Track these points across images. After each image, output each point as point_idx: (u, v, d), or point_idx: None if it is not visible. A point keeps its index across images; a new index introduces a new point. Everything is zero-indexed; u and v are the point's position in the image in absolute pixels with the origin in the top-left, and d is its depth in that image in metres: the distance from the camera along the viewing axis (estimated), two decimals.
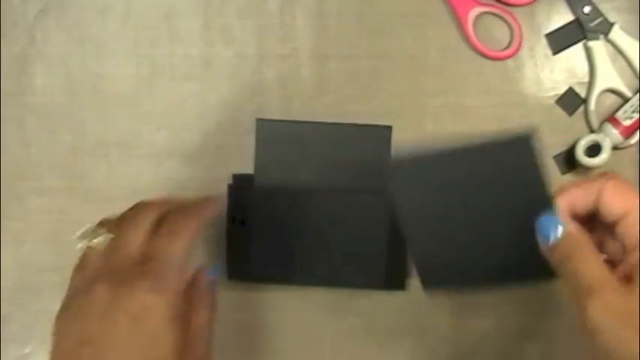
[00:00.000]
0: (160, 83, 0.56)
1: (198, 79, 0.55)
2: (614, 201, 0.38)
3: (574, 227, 0.39)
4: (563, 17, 0.54)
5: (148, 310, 0.39)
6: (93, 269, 0.42)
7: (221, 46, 0.55)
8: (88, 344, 0.39)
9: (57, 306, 0.57)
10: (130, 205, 0.56)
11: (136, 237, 0.42)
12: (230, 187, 0.54)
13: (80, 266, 0.43)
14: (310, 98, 0.55)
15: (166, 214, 0.44)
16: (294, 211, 0.53)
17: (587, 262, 0.37)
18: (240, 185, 0.54)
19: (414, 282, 0.56)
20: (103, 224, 0.44)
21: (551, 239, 0.39)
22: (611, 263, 0.38)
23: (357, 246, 0.53)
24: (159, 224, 0.43)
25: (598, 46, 0.54)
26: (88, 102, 0.56)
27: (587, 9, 0.54)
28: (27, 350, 0.57)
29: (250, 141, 0.55)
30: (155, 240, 0.42)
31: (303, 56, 0.55)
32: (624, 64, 0.54)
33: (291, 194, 0.53)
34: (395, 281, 0.54)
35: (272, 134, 0.54)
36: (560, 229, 0.39)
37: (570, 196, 0.40)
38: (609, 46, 0.54)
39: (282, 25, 0.55)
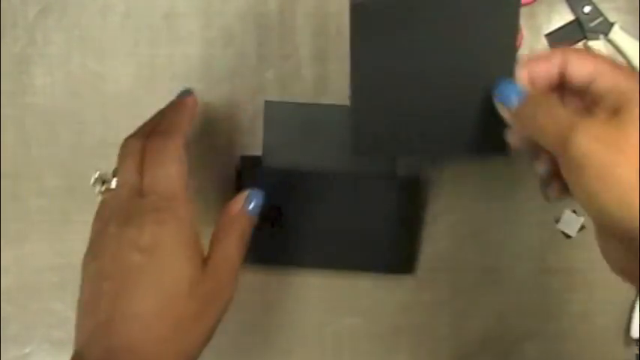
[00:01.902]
0: (160, 83, 0.56)
1: (198, 79, 0.55)
2: (584, 64, 0.38)
3: (533, 90, 0.40)
4: (563, 17, 0.54)
5: (157, 243, 0.39)
6: (106, 212, 0.42)
7: (221, 46, 0.55)
8: (107, 279, 0.40)
9: (57, 306, 0.57)
10: None
11: (130, 173, 0.42)
12: (238, 169, 0.54)
13: (98, 211, 0.43)
14: (310, 98, 0.55)
15: (148, 141, 0.43)
16: (302, 193, 0.53)
17: (558, 109, 0.37)
18: (248, 167, 0.54)
19: (413, 281, 0.56)
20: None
21: (513, 103, 0.39)
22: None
23: (365, 229, 0.53)
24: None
25: (598, 46, 0.54)
26: (88, 102, 0.56)
27: (587, 9, 0.54)
28: (27, 350, 0.57)
29: (250, 141, 0.55)
30: (147, 171, 0.42)
31: (303, 56, 0.55)
32: (624, 64, 0.54)
33: (299, 177, 0.53)
34: (403, 265, 0.54)
35: (280, 116, 0.54)
36: (521, 92, 0.39)
37: (531, 67, 0.40)
38: (609, 46, 0.54)
39: (282, 25, 0.55)
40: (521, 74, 0.40)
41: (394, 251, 0.53)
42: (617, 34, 0.54)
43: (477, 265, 0.55)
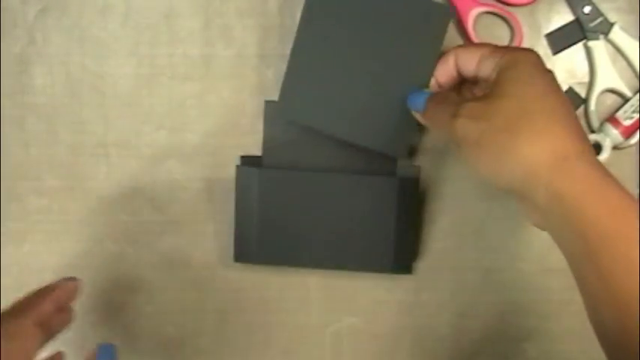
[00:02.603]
0: (160, 83, 0.56)
1: (198, 79, 0.55)
2: (466, 55, 0.44)
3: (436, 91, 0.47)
4: (563, 17, 0.54)
5: None
6: None
7: (221, 46, 0.55)
8: None
9: None
10: (129, 205, 0.56)
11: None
12: (239, 168, 0.54)
13: None
14: None
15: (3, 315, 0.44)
16: (302, 192, 0.53)
17: (446, 104, 0.42)
18: (248, 167, 0.54)
19: (413, 281, 0.56)
20: None
21: (419, 108, 0.46)
22: None
23: (365, 229, 0.53)
24: None
25: (598, 46, 0.54)
26: (88, 102, 0.56)
27: (587, 9, 0.54)
28: None
29: (250, 141, 0.55)
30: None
31: None
32: (624, 64, 0.54)
33: (299, 177, 0.53)
34: (402, 265, 0.54)
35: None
36: (426, 95, 0.45)
37: (435, 74, 0.47)
38: (609, 46, 0.54)
39: (282, 25, 0.55)
40: (431, 83, 0.47)
41: (394, 251, 0.53)
42: (617, 34, 0.54)
43: (477, 265, 0.55)
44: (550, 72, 0.41)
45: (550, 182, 0.37)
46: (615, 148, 0.53)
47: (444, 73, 0.47)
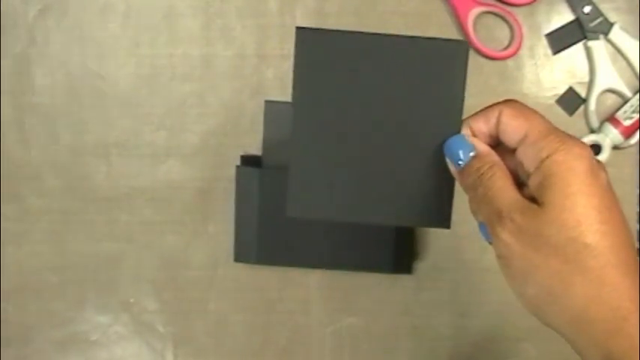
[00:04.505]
0: (160, 83, 0.56)
1: (198, 79, 0.55)
2: (513, 124, 0.37)
3: (484, 147, 0.38)
4: (563, 17, 0.54)
5: None
6: None
7: (221, 46, 0.55)
8: None
9: (57, 306, 0.57)
10: (129, 205, 0.56)
11: None
12: (239, 168, 0.54)
13: None
14: None
15: None
16: None
17: (497, 185, 0.36)
18: (248, 167, 0.54)
19: (413, 281, 0.56)
20: None
21: (462, 161, 0.38)
22: (519, 186, 0.37)
23: (365, 229, 0.53)
24: None
25: (598, 46, 0.54)
26: (88, 102, 0.56)
27: (587, 9, 0.54)
28: (27, 350, 0.57)
29: (250, 141, 0.55)
30: None
31: None
32: (624, 64, 0.54)
33: None
34: (402, 265, 0.54)
35: (280, 116, 0.54)
36: (470, 149, 0.38)
37: (471, 122, 0.39)
38: (609, 46, 0.54)
39: (282, 25, 0.55)
40: (465, 132, 0.39)
41: (394, 251, 0.53)
42: (617, 34, 0.54)
43: (477, 265, 0.55)
44: (606, 174, 0.36)
45: (605, 343, 0.33)
46: (615, 148, 0.53)
47: (485, 126, 0.38)
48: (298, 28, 0.40)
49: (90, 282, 0.56)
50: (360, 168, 0.40)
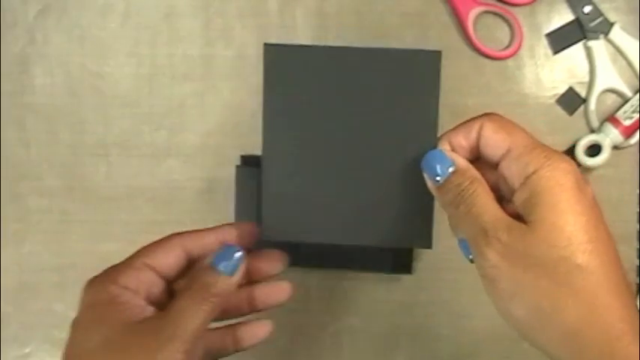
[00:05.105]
0: (160, 83, 0.56)
1: (198, 79, 0.55)
2: (495, 138, 0.35)
3: (463, 161, 0.36)
4: (563, 17, 0.54)
5: None
6: None
7: (221, 46, 0.55)
8: None
9: (57, 306, 0.57)
10: (129, 205, 0.56)
11: None
12: (238, 168, 0.54)
13: None
14: None
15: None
16: None
17: (480, 201, 0.35)
18: (248, 167, 0.54)
19: (413, 281, 0.56)
20: None
21: (440, 176, 0.36)
22: (501, 201, 0.36)
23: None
24: None
25: (598, 46, 0.54)
26: (88, 102, 0.56)
27: (587, 9, 0.54)
28: (27, 350, 0.57)
29: (250, 141, 0.55)
30: None
31: None
32: (624, 64, 0.54)
33: None
34: (402, 265, 0.54)
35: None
36: (449, 164, 0.36)
37: (450, 137, 0.37)
38: (609, 46, 0.54)
39: (282, 25, 0.55)
40: (443, 146, 0.37)
41: (394, 251, 0.53)
42: (617, 34, 0.54)
43: None
44: (591, 189, 0.34)
45: None
46: (615, 148, 0.53)
47: (465, 141, 0.37)
48: (266, 45, 0.39)
49: None
50: (335, 187, 0.39)
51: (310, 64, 0.38)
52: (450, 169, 0.36)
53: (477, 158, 0.37)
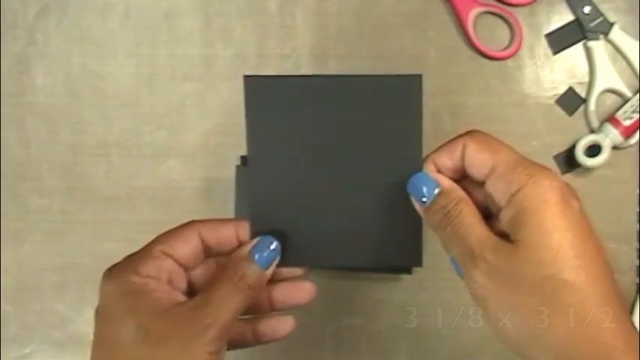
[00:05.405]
0: (160, 83, 0.56)
1: (198, 79, 0.55)
2: (479, 157, 0.35)
3: (448, 182, 0.37)
4: (563, 17, 0.54)
5: None
6: None
7: (221, 46, 0.55)
8: None
9: (57, 306, 0.57)
10: (129, 205, 0.56)
11: None
12: (239, 168, 0.54)
13: None
14: None
15: None
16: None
17: (466, 222, 0.35)
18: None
19: (413, 281, 0.56)
20: None
21: (426, 198, 0.36)
22: (490, 218, 0.36)
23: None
24: None
25: (598, 46, 0.54)
26: (88, 102, 0.56)
27: (587, 9, 0.54)
28: (27, 350, 0.57)
29: None
30: None
31: (303, 56, 0.55)
32: (624, 64, 0.54)
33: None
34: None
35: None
36: (435, 186, 0.36)
37: (435, 157, 0.37)
38: (609, 46, 0.54)
39: (282, 25, 0.55)
40: (428, 167, 0.37)
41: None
42: (617, 34, 0.54)
43: None
44: (578, 201, 0.34)
45: None
46: (615, 148, 0.53)
47: (449, 160, 0.37)
48: (245, 77, 0.39)
49: (90, 282, 0.56)
50: (324, 212, 0.40)
51: (292, 94, 0.38)
52: (436, 191, 0.36)
53: (465, 176, 0.37)
